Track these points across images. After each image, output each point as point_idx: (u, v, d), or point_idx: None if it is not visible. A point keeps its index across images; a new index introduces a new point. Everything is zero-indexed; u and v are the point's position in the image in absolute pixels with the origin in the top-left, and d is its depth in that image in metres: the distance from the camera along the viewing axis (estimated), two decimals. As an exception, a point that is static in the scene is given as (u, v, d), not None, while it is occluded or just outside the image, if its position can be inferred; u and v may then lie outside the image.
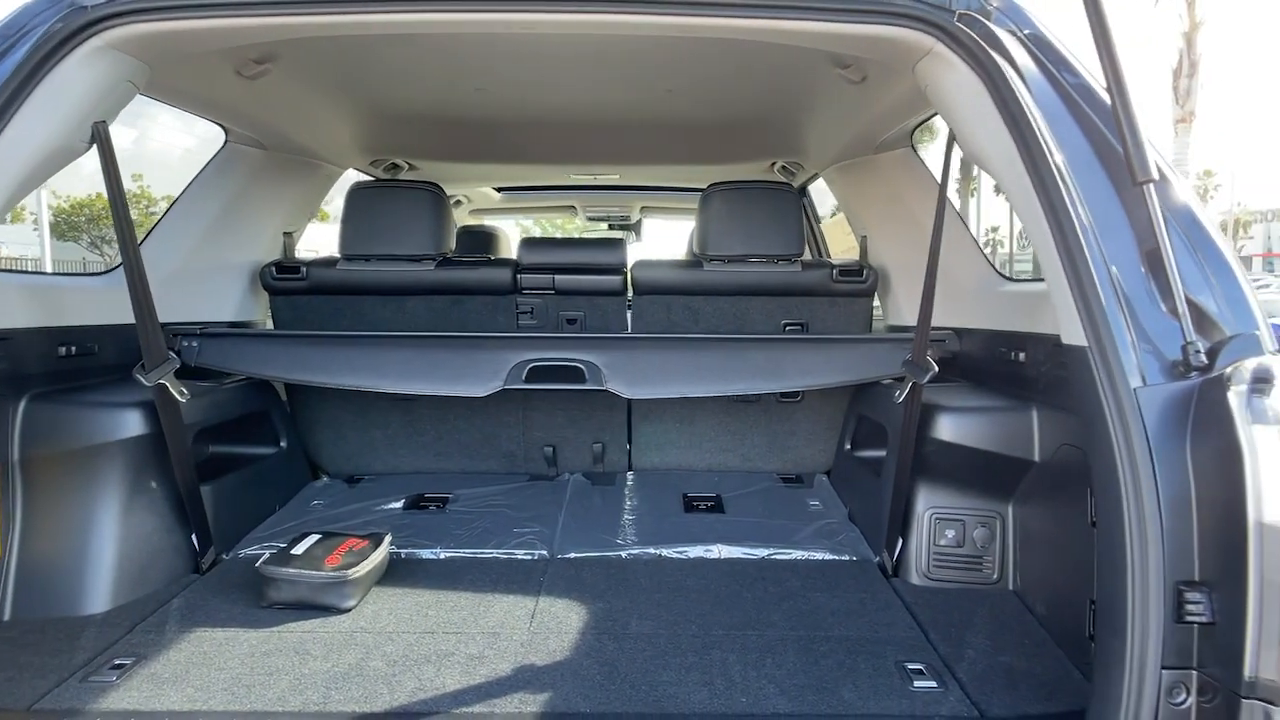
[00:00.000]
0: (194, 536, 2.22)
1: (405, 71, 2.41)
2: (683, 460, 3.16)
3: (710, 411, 3.11)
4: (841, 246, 4.05)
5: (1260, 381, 1.25)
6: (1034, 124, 1.49)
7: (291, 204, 3.17)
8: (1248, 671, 1.18)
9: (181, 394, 2.09)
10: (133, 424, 2.09)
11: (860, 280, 2.85)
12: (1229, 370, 1.28)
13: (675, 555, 2.37)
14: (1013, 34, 1.66)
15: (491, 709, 1.58)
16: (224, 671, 1.70)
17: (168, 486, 2.18)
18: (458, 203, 5.04)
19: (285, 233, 3.03)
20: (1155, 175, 1.38)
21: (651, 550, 2.39)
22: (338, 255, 2.90)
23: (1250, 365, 1.29)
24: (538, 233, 9.22)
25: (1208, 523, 1.25)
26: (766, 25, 1.72)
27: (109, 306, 2.24)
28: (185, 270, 2.68)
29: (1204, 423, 1.27)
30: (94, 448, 2.04)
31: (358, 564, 2.03)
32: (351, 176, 3.64)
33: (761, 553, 2.37)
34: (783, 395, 3.04)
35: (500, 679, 1.69)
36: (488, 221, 5.47)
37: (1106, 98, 1.45)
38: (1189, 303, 1.36)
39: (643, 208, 5.32)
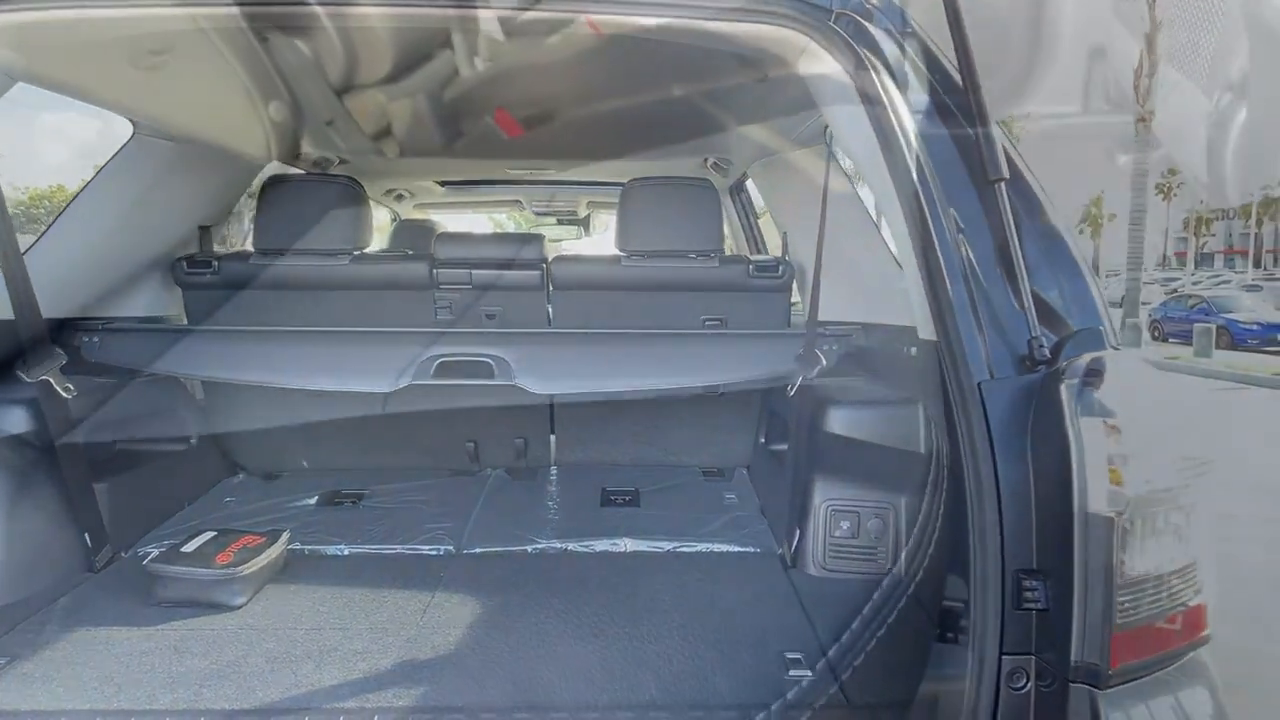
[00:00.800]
0: (86, 535, 2.18)
1: (310, 65, 2.37)
2: (606, 455, 3.16)
3: (634, 406, 3.11)
4: (775, 242, 4.07)
5: (1092, 374, 1.29)
6: (894, 121, 1.51)
7: (209, 198, 3.11)
8: (1074, 655, 1.22)
9: (66, 390, 2.05)
10: (16, 421, 2.05)
11: (776, 275, 2.88)
12: (1064, 364, 1.32)
13: (581, 549, 2.38)
14: (889, 34, 1.68)
15: (363, 704, 1.57)
16: (97, 670, 1.67)
17: (57, 485, 2.15)
18: (400, 196, 4.99)
19: (201, 226, 2.98)
20: (1006, 174, 1.41)
21: (558, 544, 2.40)
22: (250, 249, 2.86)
23: (1085, 359, 1.33)
24: (512, 228, 9.12)
25: (1044, 513, 1.28)
26: (654, 23, 1.72)
27: None
28: (91, 265, 2.61)
29: (1042, 415, 1.30)
30: None
31: (249, 561, 2.01)
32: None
33: (668, 546, 2.39)
34: (704, 389, 3.05)
35: (378, 675, 1.68)
36: (433, 215, 5.42)
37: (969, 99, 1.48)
38: (1037, 299, 1.40)
39: (589, 203, 5.30)
